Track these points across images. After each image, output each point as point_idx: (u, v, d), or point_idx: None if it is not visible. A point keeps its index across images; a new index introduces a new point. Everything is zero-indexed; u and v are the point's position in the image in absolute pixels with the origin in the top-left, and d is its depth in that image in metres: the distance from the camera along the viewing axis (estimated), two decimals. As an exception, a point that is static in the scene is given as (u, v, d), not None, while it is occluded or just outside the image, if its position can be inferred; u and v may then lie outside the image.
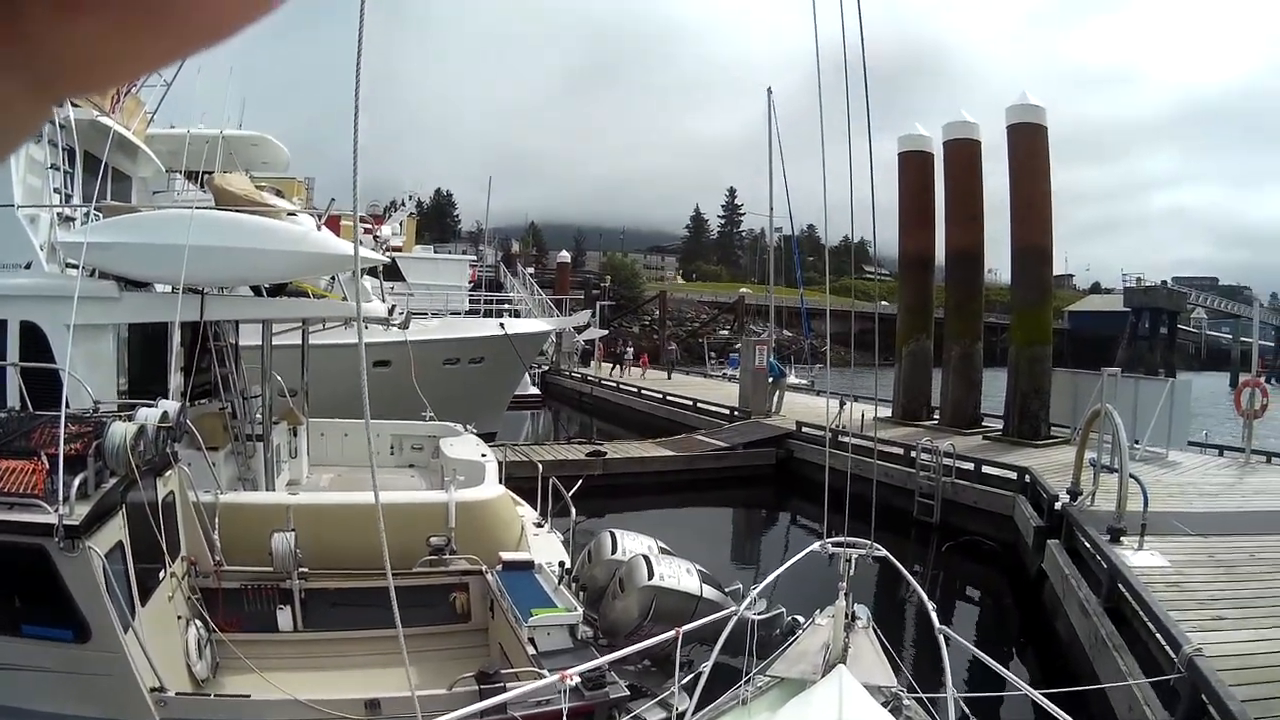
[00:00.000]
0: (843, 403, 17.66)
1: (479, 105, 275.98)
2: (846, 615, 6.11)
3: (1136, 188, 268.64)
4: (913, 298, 23.54)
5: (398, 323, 12.53)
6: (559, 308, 34.43)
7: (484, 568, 7.97)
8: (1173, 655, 7.06)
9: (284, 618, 7.38)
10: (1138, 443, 16.12)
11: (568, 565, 8.50)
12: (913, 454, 16.97)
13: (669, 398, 29.53)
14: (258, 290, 10.66)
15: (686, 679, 6.13)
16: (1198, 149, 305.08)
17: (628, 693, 6.07)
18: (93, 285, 8.65)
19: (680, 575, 7.79)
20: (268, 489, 10.33)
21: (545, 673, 5.83)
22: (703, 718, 5.76)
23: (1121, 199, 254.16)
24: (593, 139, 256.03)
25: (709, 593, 7.77)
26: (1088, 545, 10.64)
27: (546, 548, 9.39)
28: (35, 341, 8.68)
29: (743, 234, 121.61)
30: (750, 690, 5.86)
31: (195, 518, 7.37)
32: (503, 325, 22.45)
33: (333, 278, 12.41)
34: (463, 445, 12.05)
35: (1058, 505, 12.41)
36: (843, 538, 6.63)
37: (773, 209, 36.91)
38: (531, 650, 6.53)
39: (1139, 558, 9.88)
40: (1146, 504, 10.61)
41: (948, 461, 16.34)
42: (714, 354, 54.34)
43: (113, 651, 5.46)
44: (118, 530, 5.77)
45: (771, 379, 25.19)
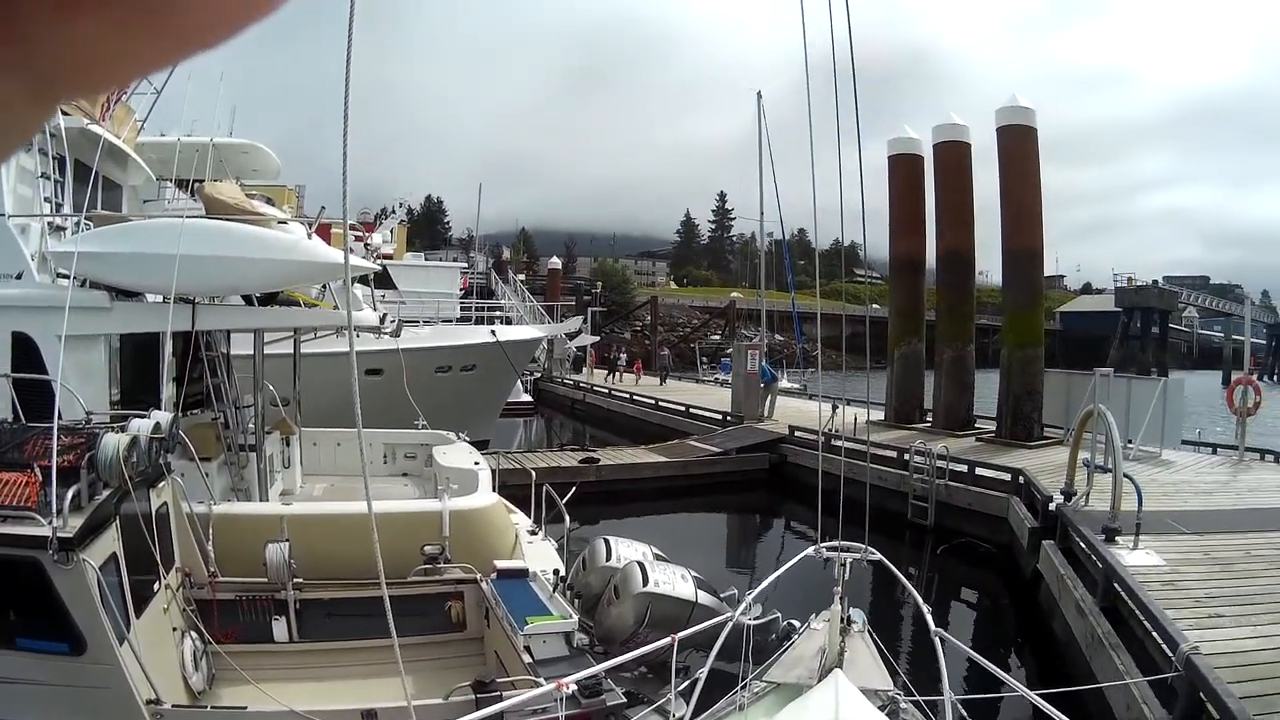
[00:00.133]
0: (835, 406, 17.62)
1: (469, 111, 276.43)
2: (842, 619, 6.12)
3: (1127, 188, 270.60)
4: (904, 301, 23.59)
5: (389, 331, 12.53)
6: (550, 314, 34.39)
7: (479, 576, 7.94)
8: (1170, 654, 7.07)
9: (279, 628, 7.35)
10: (1131, 442, 16.18)
11: (562, 573, 8.48)
12: (906, 457, 17.02)
13: (661, 404, 29.47)
14: (249, 299, 10.65)
15: (683, 685, 6.12)
16: (1189, 149, 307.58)
17: (624, 700, 6.05)
18: (84, 295, 8.60)
19: (675, 581, 7.77)
20: (261, 499, 10.30)
21: (542, 681, 5.81)
22: None
23: (1112, 200, 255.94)
24: (583, 144, 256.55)
25: (704, 598, 7.75)
26: (1083, 545, 10.64)
27: (541, 555, 9.38)
28: (27, 352, 8.64)
29: (733, 239, 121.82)
30: (747, 696, 5.84)
31: (189, 529, 7.34)
32: (494, 332, 22.43)
33: (324, 286, 12.40)
34: (456, 453, 12.04)
35: (1052, 506, 12.42)
36: (837, 542, 6.63)
37: (763, 213, 36.88)
38: (527, 658, 6.52)
39: (1134, 557, 9.89)
40: (1141, 503, 10.63)
41: (941, 464, 16.37)
42: (706, 359, 54.48)
43: (108, 664, 5.43)
44: (112, 542, 5.74)
45: (763, 383, 25.25)
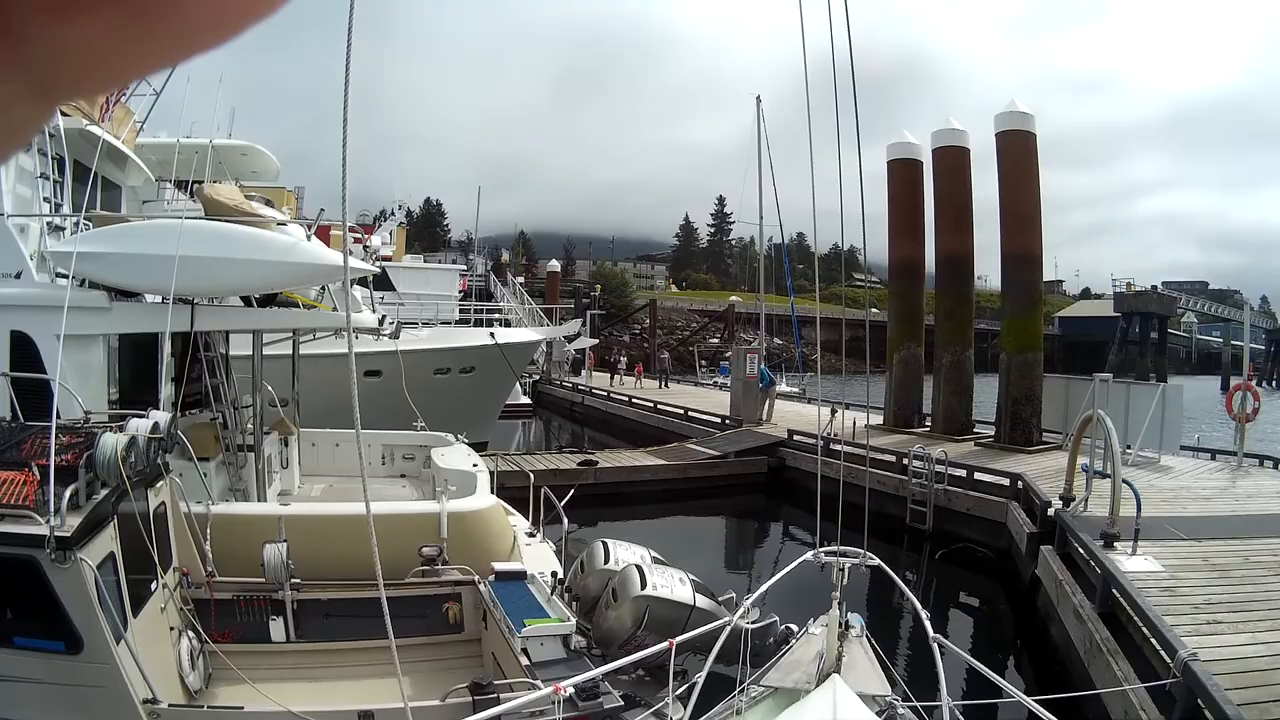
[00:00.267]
0: (834, 410, 17.67)
1: (468, 114, 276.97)
2: (840, 624, 6.10)
3: (1123, 192, 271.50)
4: (903, 305, 23.59)
5: (388, 333, 12.53)
6: (549, 317, 34.43)
7: (476, 578, 7.93)
8: (1168, 660, 7.06)
9: (277, 628, 7.33)
10: (1130, 448, 16.19)
11: (560, 575, 8.47)
12: (905, 461, 16.98)
13: (660, 407, 29.44)
14: (248, 300, 10.64)
15: (681, 689, 6.11)
16: (1184, 153, 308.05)
17: (622, 703, 6.04)
18: (83, 295, 8.60)
19: (673, 585, 7.76)
20: (259, 499, 10.29)
21: (539, 684, 5.80)
22: None
23: (1108, 204, 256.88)
24: (582, 147, 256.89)
25: (702, 602, 7.74)
26: (1081, 551, 10.63)
27: (539, 558, 9.36)
28: (25, 351, 8.63)
29: (732, 242, 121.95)
30: (744, 700, 5.83)
31: (187, 528, 7.33)
32: (493, 335, 22.44)
33: (323, 288, 12.39)
34: (454, 455, 12.03)
35: (1051, 511, 12.41)
36: (836, 546, 6.62)
37: (762, 217, 36.94)
38: (525, 661, 6.51)
39: (1133, 563, 9.88)
40: (1140, 509, 10.62)
41: (940, 469, 16.35)
42: (704, 362, 54.53)
43: (105, 663, 5.43)
44: (109, 541, 5.73)
45: (761, 387, 25.25)
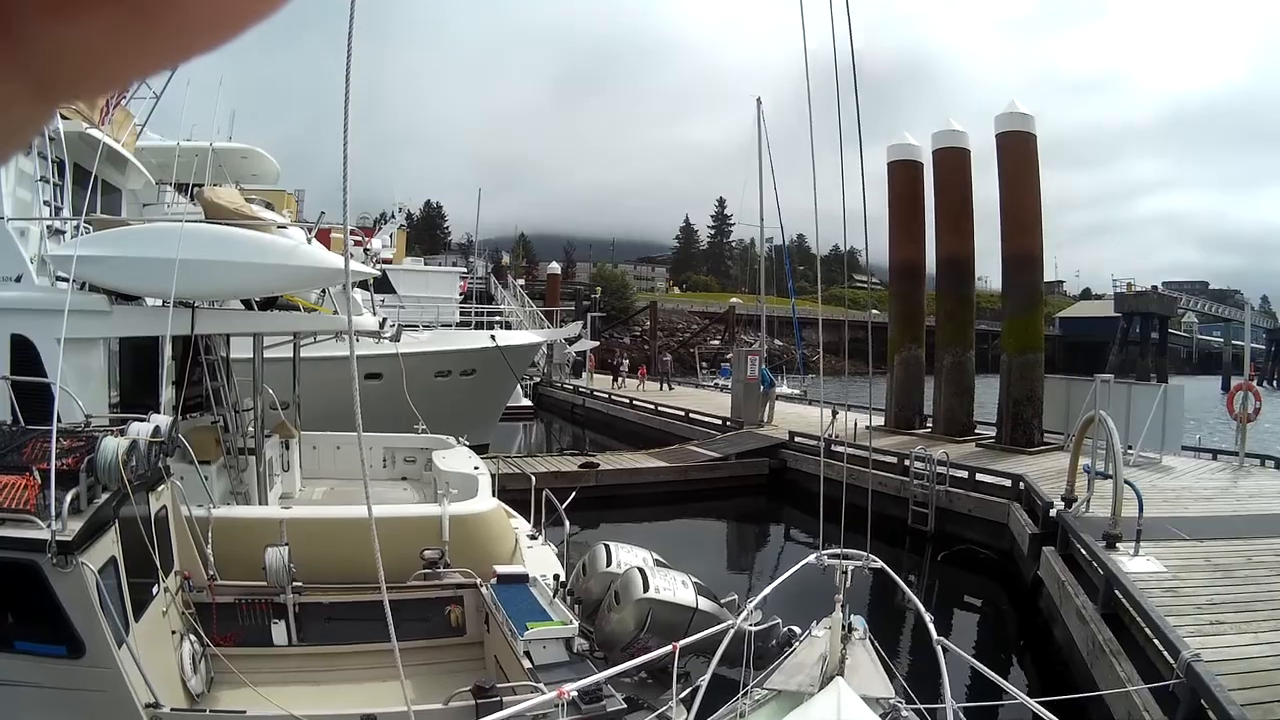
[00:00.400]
0: (835, 412, 17.64)
1: (468, 116, 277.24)
2: (843, 627, 6.10)
3: (1123, 193, 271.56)
4: (903, 306, 23.61)
5: (389, 335, 12.53)
6: (550, 319, 34.46)
7: (478, 581, 7.92)
8: (1171, 661, 7.06)
9: (278, 632, 7.33)
10: (1131, 448, 16.19)
11: (562, 578, 8.46)
12: (906, 463, 16.98)
13: (661, 409, 29.43)
14: (248, 304, 10.64)
15: (684, 692, 6.09)
16: (1184, 153, 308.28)
17: (625, 706, 6.02)
18: (83, 299, 8.60)
19: (676, 587, 7.75)
20: (260, 503, 10.28)
21: (542, 687, 5.79)
22: None
23: (1108, 204, 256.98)
24: (582, 149, 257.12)
25: (705, 605, 7.72)
26: (1084, 552, 10.62)
27: (540, 560, 9.35)
28: (26, 355, 8.63)
29: (732, 244, 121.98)
30: (748, 703, 5.83)
31: (188, 532, 7.32)
32: (494, 337, 22.47)
33: (323, 291, 12.39)
34: (455, 458, 12.02)
35: (1053, 512, 12.42)
36: (838, 549, 6.61)
37: (763, 218, 36.91)
38: (527, 664, 6.50)
39: (1135, 563, 9.88)
40: (1141, 509, 10.62)
41: (941, 470, 16.36)
42: (705, 364, 54.55)
43: (107, 667, 5.41)
44: (111, 545, 5.72)
45: (762, 389, 25.26)
